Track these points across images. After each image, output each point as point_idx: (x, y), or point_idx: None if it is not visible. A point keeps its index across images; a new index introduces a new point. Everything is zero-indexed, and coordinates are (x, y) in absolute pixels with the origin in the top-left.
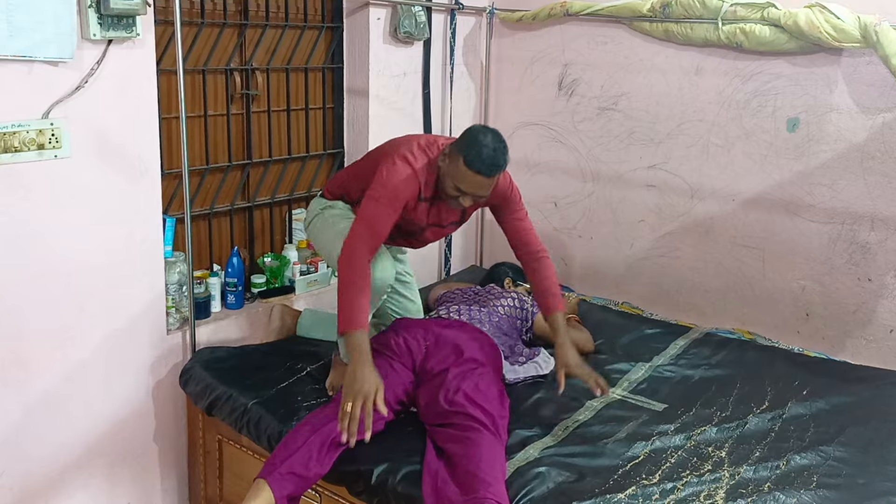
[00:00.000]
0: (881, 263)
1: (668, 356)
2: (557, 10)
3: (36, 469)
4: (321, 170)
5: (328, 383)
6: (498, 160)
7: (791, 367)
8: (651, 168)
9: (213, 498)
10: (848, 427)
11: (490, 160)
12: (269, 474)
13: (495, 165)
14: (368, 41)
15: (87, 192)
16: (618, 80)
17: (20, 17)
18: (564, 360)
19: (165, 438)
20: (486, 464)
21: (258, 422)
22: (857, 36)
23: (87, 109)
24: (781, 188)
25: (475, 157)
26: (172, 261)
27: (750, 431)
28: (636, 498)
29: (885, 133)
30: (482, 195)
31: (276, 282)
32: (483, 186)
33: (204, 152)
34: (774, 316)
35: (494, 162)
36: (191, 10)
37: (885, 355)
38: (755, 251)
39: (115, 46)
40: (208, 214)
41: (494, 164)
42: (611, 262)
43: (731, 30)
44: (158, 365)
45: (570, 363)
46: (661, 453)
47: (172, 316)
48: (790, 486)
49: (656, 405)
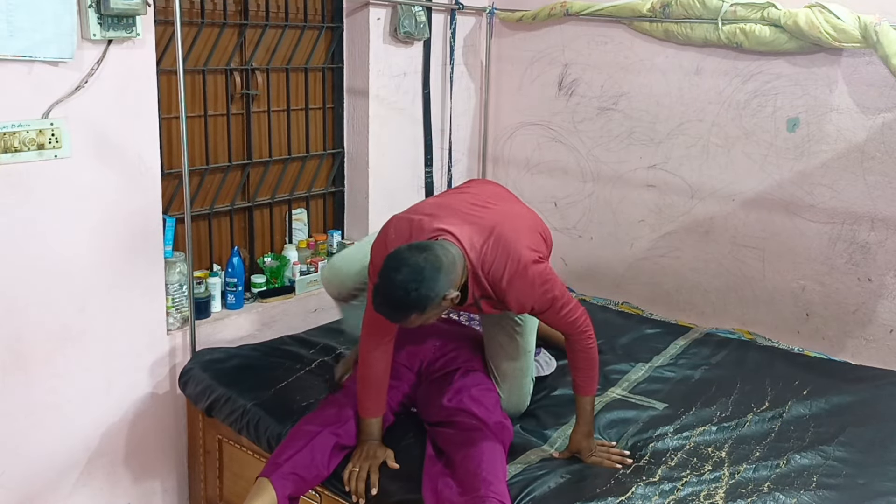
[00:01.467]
0: (881, 263)
1: (668, 356)
2: (557, 10)
3: (36, 469)
4: (321, 170)
5: (337, 374)
6: (398, 301)
7: (791, 367)
8: (651, 168)
9: (213, 498)
10: (848, 427)
11: (389, 303)
12: (272, 473)
13: (396, 307)
14: (368, 41)
15: (87, 192)
16: (618, 80)
17: (20, 17)
18: (575, 449)
19: (165, 438)
20: (488, 463)
21: (257, 423)
22: (857, 36)
23: (87, 109)
24: (781, 188)
25: (377, 297)
26: (172, 261)
27: (750, 431)
28: (636, 498)
29: (885, 133)
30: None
31: (276, 282)
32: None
33: (204, 152)
34: (774, 316)
35: (394, 304)
36: (191, 10)
37: (885, 355)
38: (755, 251)
39: (115, 46)
40: (208, 214)
41: (395, 306)
42: (611, 262)
43: (731, 30)
44: (158, 365)
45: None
46: (661, 453)
47: (172, 316)
48: (790, 486)
49: (656, 405)
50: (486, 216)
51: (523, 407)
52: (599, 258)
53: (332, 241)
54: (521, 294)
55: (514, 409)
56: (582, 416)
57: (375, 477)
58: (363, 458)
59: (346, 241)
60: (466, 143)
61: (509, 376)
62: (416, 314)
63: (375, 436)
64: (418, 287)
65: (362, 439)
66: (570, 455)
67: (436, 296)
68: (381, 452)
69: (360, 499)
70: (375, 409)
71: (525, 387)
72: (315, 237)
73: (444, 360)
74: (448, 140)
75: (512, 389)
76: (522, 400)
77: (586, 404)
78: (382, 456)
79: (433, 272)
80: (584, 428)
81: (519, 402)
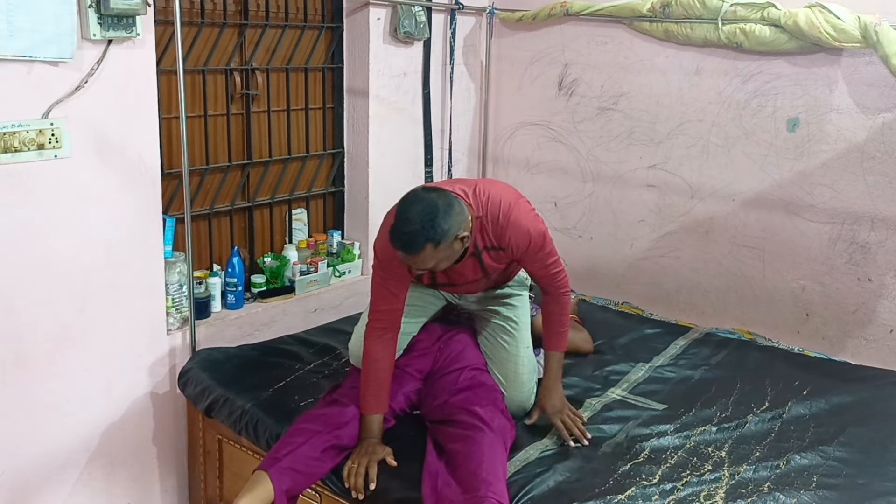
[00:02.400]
0: (881, 263)
1: (667, 356)
2: (557, 10)
3: (36, 469)
4: (321, 170)
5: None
6: (413, 231)
7: (791, 367)
8: (651, 168)
9: (213, 498)
10: (848, 427)
11: (404, 233)
12: (270, 467)
13: (411, 237)
14: (368, 41)
15: (86, 192)
16: (618, 80)
17: (20, 17)
18: (542, 404)
19: (165, 438)
20: (488, 463)
21: (256, 423)
22: (857, 36)
23: (87, 109)
24: (781, 188)
25: (393, 231)
26: (172, 261)
27: (750, 431)
28: (636, 498)
29: (885, 133)
30: (424, 268)
31: (276, 282)
32: (414, 261)
33: (204, 152)
34: (774, 316)
35: (409, 233)
36: (191, 10)
37: (885, 355)
38: (755, 251)
39: (115, 46)
40: (208, 214)
41: (410, 235)
42: (611, 262)
43: (731, 30)
44: (158, 365)
45: (548, 410)
46: (661, 453)
47: (172, 316)
48: (790, 486)
49: (656, 405)
50: (469, 181)
51: (528, 404)
52: (599, 258)
53: (332, 241)
54: (519, 228)
55: (518, 407)
56: (549, 371)
57: (374, 472)
58: (362, 455)
59: (346, 241)
60: (466, 143)
61: (511, 374)
62: (431, 245)
63: (375, 433)
64: (433, 218)
65: (363, 436)
66: (538, 415)
67: (449, 229)
68: (381, 450)
69: (358, 494)
70: (377, 406)
71: (528, 384)
72: (315, 237)
73: (448, 360)
74: (448, 140)
75: (514, 387)
76: (526, 397)
77: (553, 360)
78: (382, 453)
79: (447, 207)
80: (549, 383)
81: (522, 400)
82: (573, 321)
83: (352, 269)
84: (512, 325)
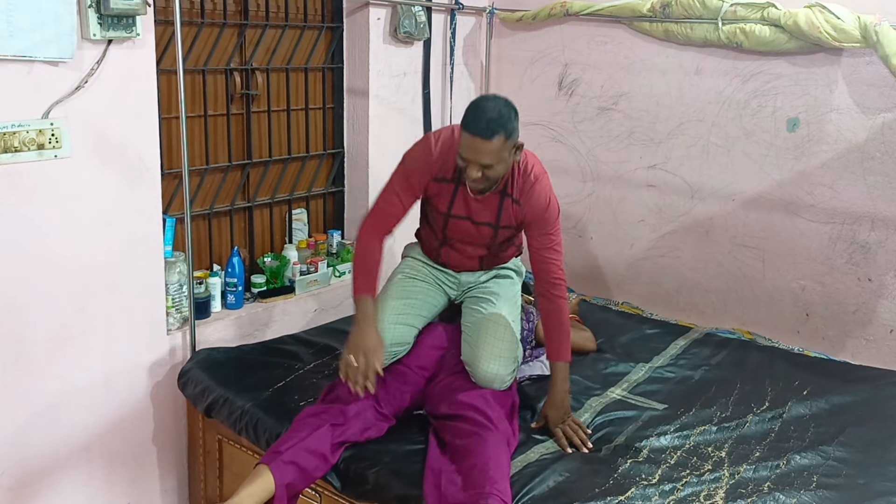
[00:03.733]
0: (881, 263)
1: (668, 356)
2: (557, 10)
3: (36, 469)
4: (321, 170)
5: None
6: (491, 118)
7: (791, 367)
8: (651, 168)
9: (213, 498)
10: (848, 427)
11: (483, 118)
12: (271, 461)
13: (489, 123)
14: (368, 41)
15: (86, 192)
16: (618, 80)
17: (20, 17)
18: (545, 412)
19: (165, 438)
20: (494, 461)
21: (256, 424)
22: (857, 36)
23: (87, 109)
24: (781, 188)
25: (469, 116)
26: (172, 261)
27: (750, 431)
28: (636, 498)
29: (885, 133)
30: (484, 162)
31: (276, 282)
32: (480, 150)
33: (204, 152)
34: (774, 316)
35: (488, 119)
36: (191, 10)
37: (885, 355)
38: (755, 251)
39: (115, 46)
40: (208, 214)
41: (488, 121)
42: (611, 262)
43: (731, 30)
44: (158, 365)
45: (550, 419)
46: (661, 453)
47: (172, 316)
48: (790, 486)
49: (656, 405)
50: None
51: (503, 372)
52: (599, 258)
53: (331, 241)
54: (543, 192)
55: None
56: (553, 382)
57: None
58: (359, 349)
59: (345, 241)
60: None
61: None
62: (503, 136)
63: (370, 315)
64: (509, 113)
65: (358, 319)
66: (541, 424)
67: (516, 129)
68: (376, 337)
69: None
70: (367, 287)
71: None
72: (315, 237)
73: (456, 360)
74: None
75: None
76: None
77: (557, 370)
78: (380, 350)
79: (516, 112)
80: (554, 395)
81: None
82: (574, 321)
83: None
84: (494, 297)
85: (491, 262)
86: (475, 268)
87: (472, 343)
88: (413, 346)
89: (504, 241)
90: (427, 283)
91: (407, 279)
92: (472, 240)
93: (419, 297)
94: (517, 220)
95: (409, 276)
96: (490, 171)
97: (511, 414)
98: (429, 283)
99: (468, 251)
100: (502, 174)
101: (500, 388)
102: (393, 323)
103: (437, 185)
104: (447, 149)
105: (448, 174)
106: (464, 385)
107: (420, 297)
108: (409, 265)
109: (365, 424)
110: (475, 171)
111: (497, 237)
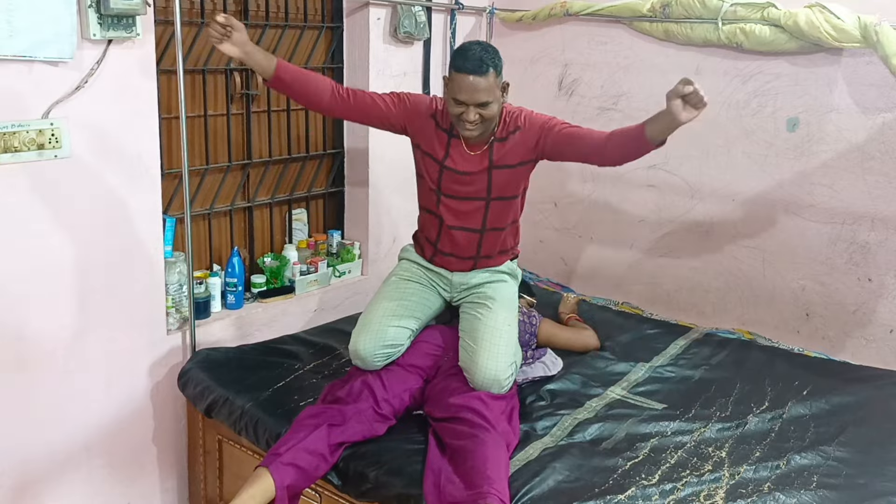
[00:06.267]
0: (881, 263)
1: (668, 356)
2: (557, 10)
3: (36, 469)
4: (321, 170)
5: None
6: (481, 56)
7: (791, 367)
8: (651, 168)
9: (213, 498)
10: (848, 427)
11: (474, 57)
12: (270, 463)
13: (481, 59)
14: (368, 41)
15: (86, 192)
16: (618, 80)
17: (20, 17)
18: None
19: (165, 438)
20: (493, 462)
21: (256, 424)
22: (857, 36)
23: (87, 109)
24: (781, 188)
25: (460, 58)
26: (172, 261)
27: (750, 431)
28: (636, 498)
29: (885, 133)
30: (481, 100)
31: (276, 282)
32: (475, 88)
33: (204, 152)
34: (774, 316)
35: (478, 57)
36: (191, 10)
37: (885, 355)
38: (755, 251)
39: (115, 46)
40: (208, 214)
41: (479, 58)
42: (611, 262)
43: (731, 30)
44: (158, 365)
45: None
46: (661, 453)
47: (172, 316)
48: (790, 486)
49: (656, 405)
50: None
51: (502, 376)
52: (599, 258)
53: (331, 241)
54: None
55: (490, 378)
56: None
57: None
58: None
59: (345, 241)
60: None
61: (481, 339)
62: (493, 72)
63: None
64: (494, 51)
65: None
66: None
67: (501, 65)
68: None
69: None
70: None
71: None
72: (315, 237)
73: (455, 361)
74: None
75: (483, 352)
76: (498, 367)
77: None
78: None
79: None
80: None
81: (493, 369)
82: (575, 320)
83: (352, 269)
84: (490, 301)
85: (489, 247)
86: (471, 254)
87: (469, 348)
88: (410, 348)
89: (499, 201)
90: (421, 285)
91: (401, 281)
92: (467, 193)
93: (413, 298)
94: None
95: (403, 277)
96: (486, 110)
97: (511, 414)
98: (423, 284)
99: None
100: (496, 114)
101: (499, 391)
102: (387, 324)
103: (434, 129)
104: (442, 107)
105: (444, 124)
106: (461, 387)
107: (414, 298)
108: (403, 267)
109: (364, 425)
110: (472, 113)
111: (492, 189)
